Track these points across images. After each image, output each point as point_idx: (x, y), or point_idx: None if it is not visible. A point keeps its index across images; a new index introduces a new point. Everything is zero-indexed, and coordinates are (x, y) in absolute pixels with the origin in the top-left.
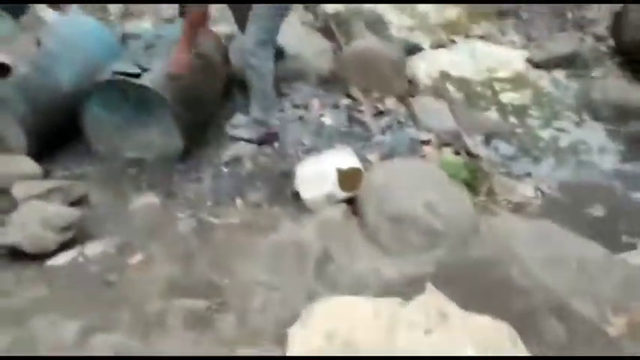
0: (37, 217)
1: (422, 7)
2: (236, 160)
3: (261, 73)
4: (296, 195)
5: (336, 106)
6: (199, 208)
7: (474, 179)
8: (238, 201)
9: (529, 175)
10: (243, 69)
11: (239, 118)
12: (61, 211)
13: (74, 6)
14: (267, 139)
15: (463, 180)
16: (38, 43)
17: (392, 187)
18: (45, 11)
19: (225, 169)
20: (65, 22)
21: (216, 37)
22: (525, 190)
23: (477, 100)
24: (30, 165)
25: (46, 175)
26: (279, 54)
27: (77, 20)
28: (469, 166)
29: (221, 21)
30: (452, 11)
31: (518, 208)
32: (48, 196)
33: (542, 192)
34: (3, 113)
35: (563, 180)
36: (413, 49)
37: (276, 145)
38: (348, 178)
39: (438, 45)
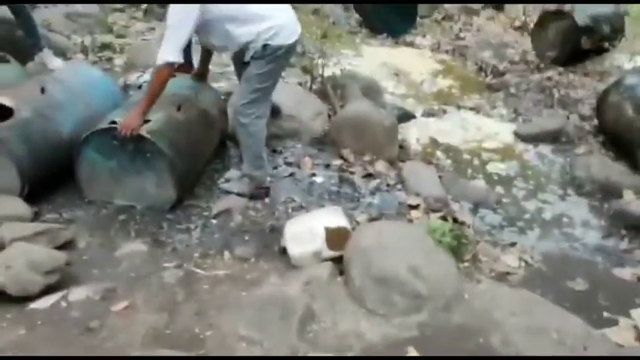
0: (22, 258)
1: (417, 77)
2: (226, 213)
3: (251, 132)
4: (284, 251)
5: (327, 166)
6: (186, 258)
7: (459, 246)
8: (226, 253)
9: (514, 244)
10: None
11: (232, 173)
12: (47, 254)
13: (79, 56)
14: (258, 194)
15: (449, 246)
16: (43, 90)
17: (378, 249)
18: (51, 58)
19: (214, 221)
20: (70, 71)
21: (215, 92)
22: (509, 260)
23: (465, 168)
24: (20, 206)
25: (36, 216)
26: (276, 112)
27: (82, 69)
28: (455, 233)
29: (220, 79)
30: (445, 82)
31: (501, 277)
32: (35, 238)
33: (525, 262)
34: (3, 153)
35: (547, 251)
36: (405, 116)
37: (266, 200)
38: (335, 237)
39: (430, 113)
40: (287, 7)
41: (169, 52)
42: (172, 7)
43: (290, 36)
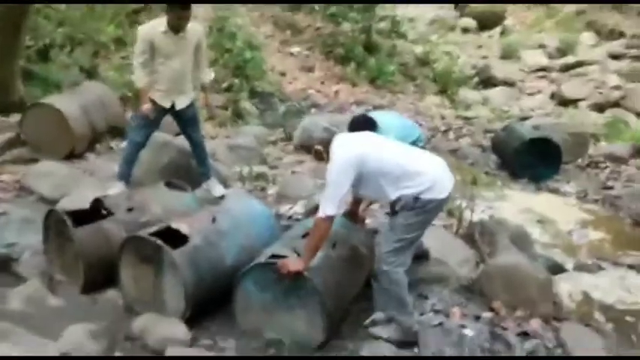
0: None
1: (564, 226)
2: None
3: (392, 279)
4: None
5: (477, 318)
6: None
7: None
8: None
9: None
10: None
11: (378, 315)
12: None
13: (238, 184)
14: (407, 342)
15: None
16: (213, 220)
17: None
18: (215, 186)
19: None
20: (236, 202)
21: (366, 232)
22: None
23: (629, 332)
24: (181, 330)
25: (193, 341)
26: (424, 256)
27: (247, 202)
28: None
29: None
30: (597, 234)
31: None
32: None
33: None
34: (171, 277)
35: None
36: (556, 269)
37: (415, 350)
38: None
39: (583, 268)
40: (441, 160)
41: (330, 207)
42: (333, 165)
43: (443, 190)
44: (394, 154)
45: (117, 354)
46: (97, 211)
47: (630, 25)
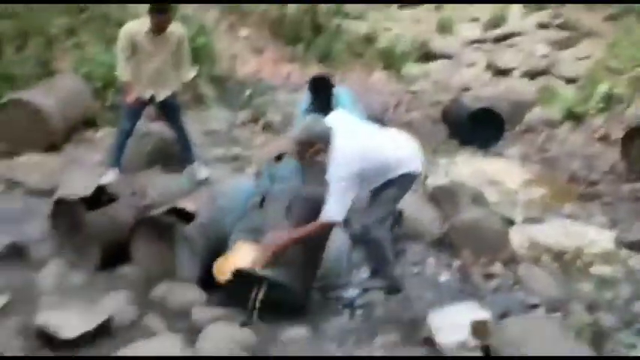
0: (227, 337)
1: (511, 186)
2: (368, 305)
3: (379, 242)
4: (427, 340)
5: (448, 266)
6: (343, 341)
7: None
8: (377, 340)
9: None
10: None
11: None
12: (239, 334)
13: (217, 165)
14: (392, 290)
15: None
16: (214, 200)
17: (526, 339)
18: (200, 170)
19: (359, 312)
20: (226, 182)
21: None
22: None
23: (572, 271)
24: (198, 293)
25: (208, 302)
26: (399, 217)
27: (233, 181)
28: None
29: None
30: (539, 191)
31: None
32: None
33: None
34: (185, 249)
35: None
36: (508, 222)
37: (399, 295)
38: (479, 329)
39: (530, 220)
40: (409, 137)
41: (337, 213)
42: (337, 168)
43: (419, 166)
44: (381, 148)
45: (150, 316)
46: (98, 197)
47: None
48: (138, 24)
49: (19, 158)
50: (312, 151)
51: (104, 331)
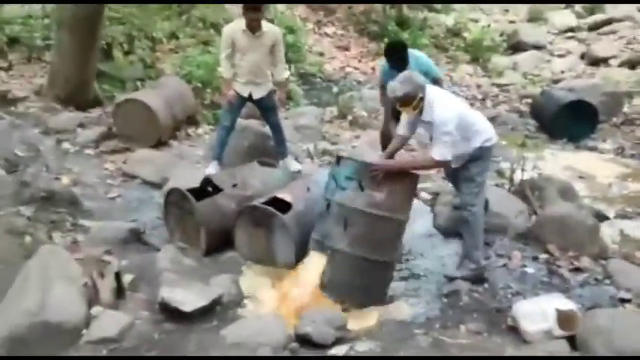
0: (321, 316)
1: (603, 180)
2: (455, 293)
3: (477, 218)
4: (511, 329)
5: (535, 259)
6: (430, 328)
7: None
8: (462, 327)
9: None
10: None
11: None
12: (335, 314)
13: (307, 160)
14: (479, 279)
15: None
16: (308, 189)
17: (615, 330)
18: (292, 163)
19: (445, 300)
20: (317, 175)
21: None
22: None
23: None
24: None
25: None
26: (485, 205)
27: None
28: None
29: (426, 180)
30: (635, 186)
31: None
32: None
33: None
34: (281, 236)
35: None
36: (599, 217)
37: (486, 285)
38: (565, 319)
39: (623, 215)
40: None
41: (448, 153)
42: (444, 118)
43: (493, 137)
44: (470, 111)
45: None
46: (205, 188)
47: None
48: (236, 24)
49: (133, 154)
50: (416, 102)
51: (216, 306)
